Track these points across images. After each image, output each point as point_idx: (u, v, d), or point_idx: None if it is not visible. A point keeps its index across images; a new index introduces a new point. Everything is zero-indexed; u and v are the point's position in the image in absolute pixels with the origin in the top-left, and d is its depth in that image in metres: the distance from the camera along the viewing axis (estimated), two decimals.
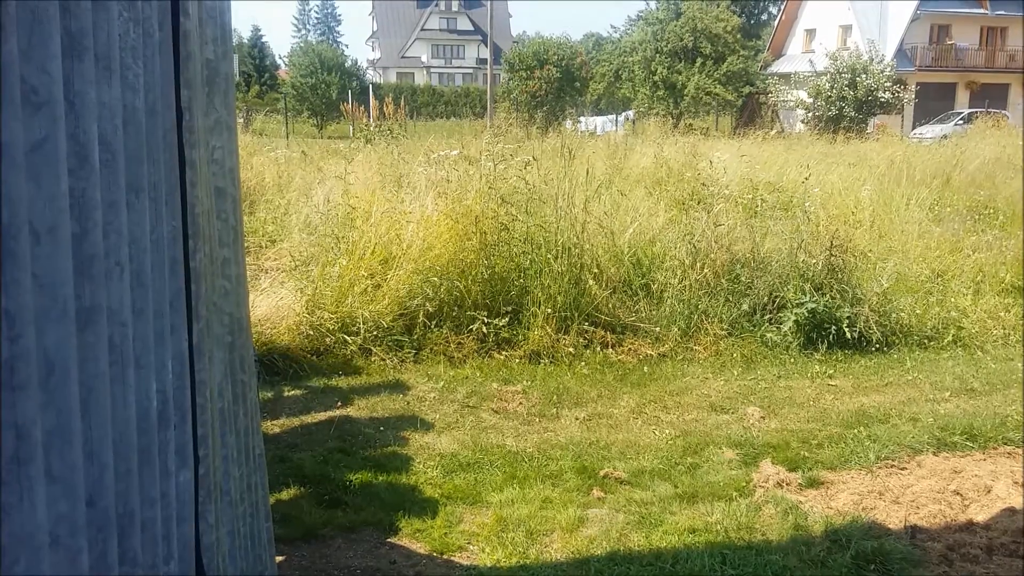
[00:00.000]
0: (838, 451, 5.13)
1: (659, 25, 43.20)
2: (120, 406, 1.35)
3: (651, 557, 3.84)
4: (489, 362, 6.70)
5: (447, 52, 72.47)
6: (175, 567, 1.57)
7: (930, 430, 5.41)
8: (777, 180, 12.19)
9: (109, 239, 1.31)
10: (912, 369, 6.87)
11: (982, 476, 4.70)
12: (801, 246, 7.98)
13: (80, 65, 1.25)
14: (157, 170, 1.50)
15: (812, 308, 7.25)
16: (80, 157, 1.23)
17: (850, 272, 7.75)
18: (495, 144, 9.88)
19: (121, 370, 1.35)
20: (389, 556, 3.77)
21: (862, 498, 4.52)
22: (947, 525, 4.22)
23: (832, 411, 5.88)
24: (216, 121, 1.89)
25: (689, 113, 39.37)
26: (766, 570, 3.70)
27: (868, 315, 7.31)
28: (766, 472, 4.78)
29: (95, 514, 1.28)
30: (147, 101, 1.47)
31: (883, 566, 3.76)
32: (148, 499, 1.46)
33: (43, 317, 1.15)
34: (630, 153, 14.49)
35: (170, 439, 1.55)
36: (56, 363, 1.18)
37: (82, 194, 1.23)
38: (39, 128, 1.14)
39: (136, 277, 1.40)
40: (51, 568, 1.20)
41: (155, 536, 1.49)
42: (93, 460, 1.27)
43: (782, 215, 10.03)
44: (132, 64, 1.43)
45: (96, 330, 1.27)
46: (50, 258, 1.15)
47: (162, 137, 1.53)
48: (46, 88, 1.15)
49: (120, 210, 1.34)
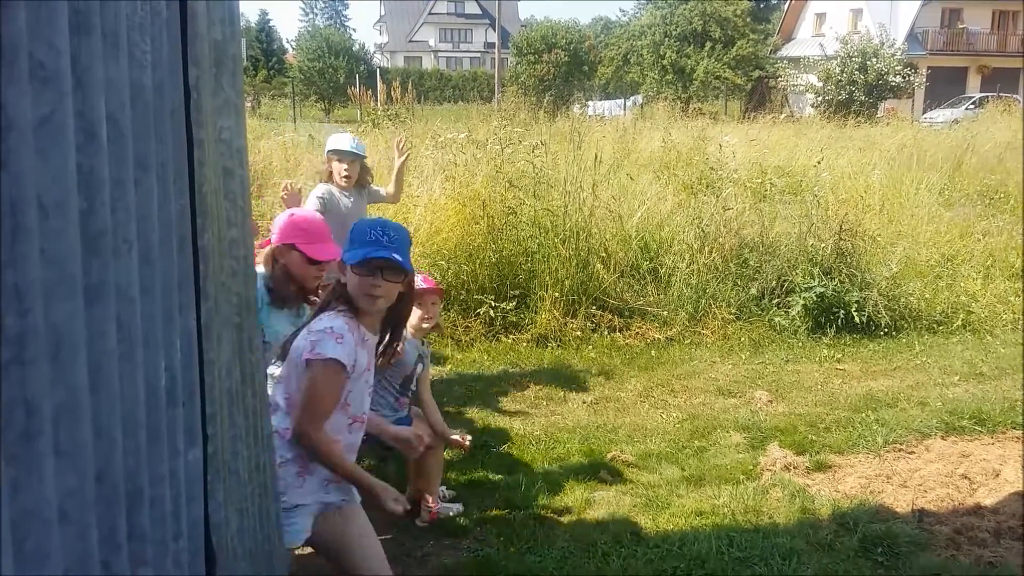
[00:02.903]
0: (846, 435, 5.13)
1: (668, 9, 42.84)
2: (128, 383, 1.35)
3: (658, 539, 3.85)
4: (496, 345, 6.70)
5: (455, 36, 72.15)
6: (184, 544, 1.58)
7: (938, 414, 5.40)
8: (786, 164, 12.14)
9: (117, 216, 1.31)
10: (921, 353, 6.85)
11: (990, 460, 4.69)
12: (810, 230, 7.95)
13: (87, 41, 1.24)
14: (165, 148, 1.50)
15: (821, 292, 7.24)
16: (87, 133, 1.23)
17: (859, 256, 7.73)
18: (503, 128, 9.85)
19: (129, 347, 1.35)
20: (398, 539, 3.78)
21: (870, 482, 4.52)
22: (955, 509, 4.21)
23: (840, 395, 5.88)
24: (224, 101, 1.88)
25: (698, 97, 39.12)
26: (773, 553, 3.71)
27: (877, 299, 7.29)
28: (773, 455, 4.79)
29: (104, 490, 1.29)
30: (154, 79, 1.46)
31: (890, 549, 3.77)
32: (157, 476, 1.47)
33: (51, 293, 1.15)
34: (638, 137, 14.42)
35: (178, 417, 1.55)
36: (65, 339, 1.18)
37: (90, 170, 1.23)
38: (46, 103, 1.14)
39: (144, 255, 1.40)
40: (60, 543, 1.20)
41: (164, 513, 1.50)
42: (102, 436, 1.28)
43: (791, 199, 10.00)
44: (139, 42, 1.43)
45: (104, 307, 1.27)
46: (58, 233, 1.16)
47: (169, 115, 1.53)
48: (53, 63, 1.15)
49: (128, 187, 1.34)
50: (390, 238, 2.48)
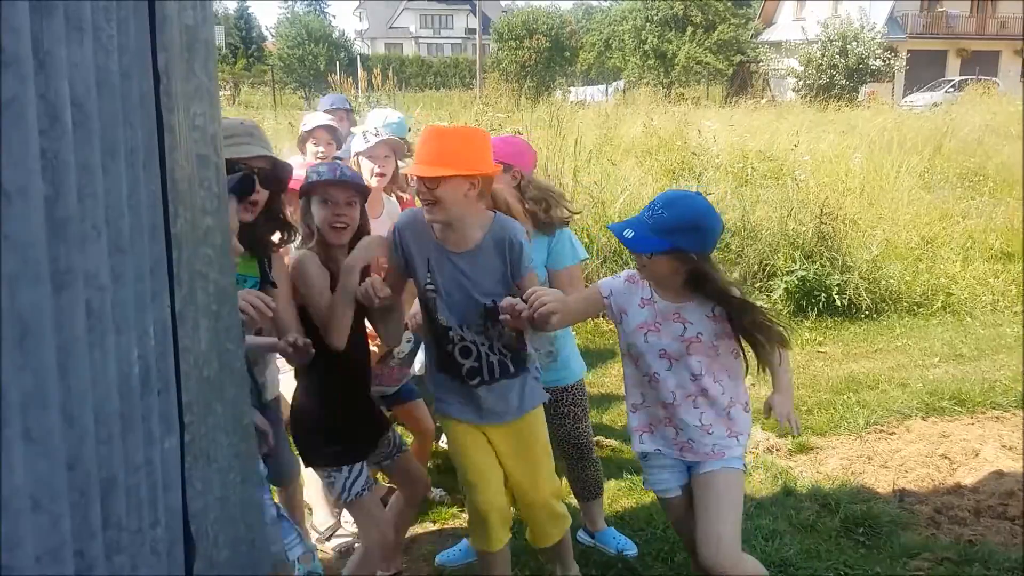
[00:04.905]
0: (828, 417, 5.16)
1: None
2: (100, 370, 1.34)
3: (642, 522, 3.87)
4: None
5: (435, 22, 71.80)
6: (162, 532, 1.57)
7: (919, 395, 5.45)
8: (768, 149, 12.17)
9: (84, 202, 1.28)
10: (901, 335, 6.91)
11: (970, 440, 4.74)
12: (791, 214, 7.98)
13: (49, 23, 1.22)
14: (134, 134, 1.48)
15: (802, 276, 7.28)
16: (51, 117, 1.21)
17: (840, 240, 7.77)
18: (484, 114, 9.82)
19: (100, 335, 1.33)
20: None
21: (851, 463, 4.56)
22: (935, 488, 4.26)
23: (822, 377, 5.92)
24: (197, 87, 1.85)
25: (680, 82, 39.12)
26: (756, 534, 3.73)
27: (858, 282, 7.34)
28: (756, 438, 4.81)
29: (76, 478, 1.28)
30: (121, 63, 1.44)
31: (872, 529, 3.80)
32: (132, 465, 1.45)
33: (16, 278, 1.13)
34: (620, 123, 14.42)
35: (153, 405, 1.53)
36: (31, 325, 1.16)
37: (55, 155, 1.21)
38: (7, 87, 1.12)
39: (114, 241, 1.38)
40: (33, 532, 1.19)
41: (140, 501, 1.48)
42: (72, 424, 1.26)
43: (772, 183, 10.03)
44: (105, 25, 1.40)
45: (72, 293, 1.25)
46: (21, 219, 1.13)
47: (138, 101, 1.50)
48: (12, 46, 1.12)
49: (95, 173, 1.32)
50: None
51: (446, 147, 2.69)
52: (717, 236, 2.64)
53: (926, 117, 16.15)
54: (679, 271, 2.59)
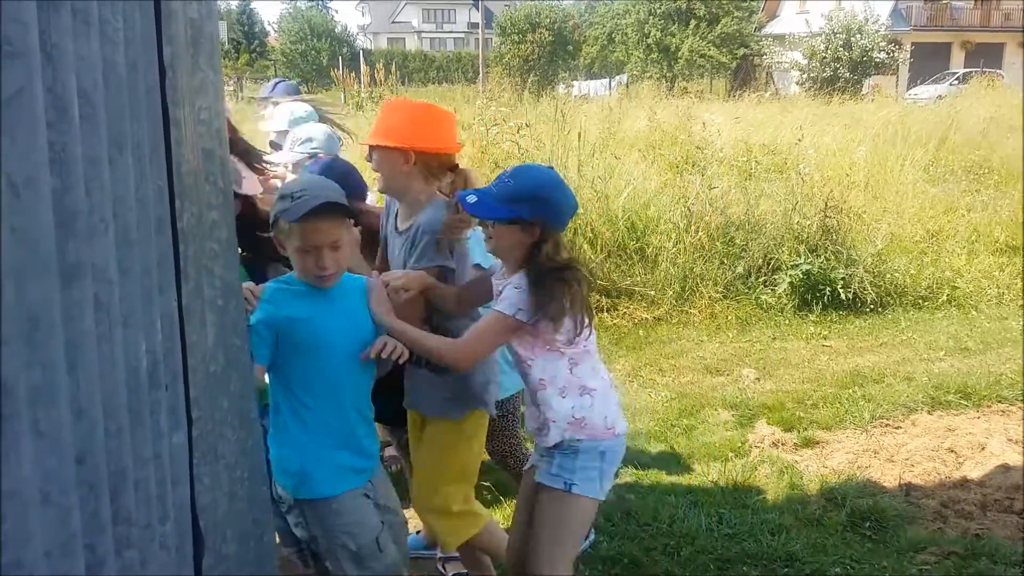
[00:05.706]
0: (833, 411, 5.15)
1: None
2: (108, 364, 1.33)
3: (648, 517, 3.86)
4: None
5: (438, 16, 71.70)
6: (171, 527, 1.57)
7: (924, 389, 5.43)
8: (772, 142, 12.14)
9: (92, 196, 1.28)
10: (907, 329, 6.89)
11: (976, 434, 4.73)
12: (795, 208, 7.96)
13: (56, 17, 1.22)
14: (140, 127, 1.47)
15: (807, 270, 7.26)
16: (59, 110, 1.20)
17: (844, 233, 7.75)
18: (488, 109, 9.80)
19: (108, 328, 1.33)
20: None
21: (857, 457, 4.55)
22: (941, 482, 4.25)
23: (827, 371, 5.90)
24: (202, 81, 1.85)
25: (683, 76, 39.03)
26: (762, 529, 3.73)
27: (863, 276, 7.32)
28: (761, 433, 4.81)
29: (86, 471, 1.27)
30: (127, 57, 1.43)
31: (878, 523, 3.80)
32: (140, 459, 1.45)
33: (24, 272, 1.13)
34: (624, 117, 14.38)
35: (161, 400, 1.53)
36: (40, 318, 1.16)
37: (62, 148, 1.21)
38: (15, 80, 1.11)
39: (122, 235, 1.38)
40: (42, 526, 1.19)
41: (149, 496, 1.48)
42: (81, 417, 1.26)
43: (777, 177, 10.00)
44: (111, 19, 1.40)
45: (81, 286, 1.25)
46: (29, 212, 1.13)
47: (144, 94, 1.50)
48: (21, 38, 1.12)
49: (102, 166, 1.32)
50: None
51: (389, 120, 2.76)
52: (564, 211, 2.51)
53: (930, 110, 16.07)
54: (521, 244, 2.49)
